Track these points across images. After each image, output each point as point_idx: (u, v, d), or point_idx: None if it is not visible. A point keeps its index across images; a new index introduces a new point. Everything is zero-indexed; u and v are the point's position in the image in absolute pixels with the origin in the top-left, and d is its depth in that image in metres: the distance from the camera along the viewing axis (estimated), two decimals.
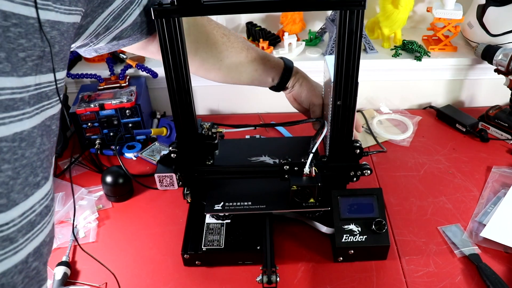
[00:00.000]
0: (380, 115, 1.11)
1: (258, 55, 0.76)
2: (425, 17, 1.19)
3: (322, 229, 0.76)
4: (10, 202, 0.32)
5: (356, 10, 0.57)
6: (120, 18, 0.55)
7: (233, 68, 0.76)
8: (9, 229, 0.32)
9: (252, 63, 0.76)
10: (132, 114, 0.98)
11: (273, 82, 0.80)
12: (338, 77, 0.64)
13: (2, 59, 0.32)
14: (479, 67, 1.09)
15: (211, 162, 0.74)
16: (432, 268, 0.71)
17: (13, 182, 0.32)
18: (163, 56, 0.62)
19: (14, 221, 0.33)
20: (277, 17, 1.16)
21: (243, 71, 0.77)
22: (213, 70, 0.75)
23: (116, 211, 0.86)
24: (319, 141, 0.73)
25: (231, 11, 0.60)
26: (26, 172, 0.34)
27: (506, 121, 1.00)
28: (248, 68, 0.76)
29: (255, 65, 0.76)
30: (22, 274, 0.34)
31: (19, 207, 0.33)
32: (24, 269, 0.34)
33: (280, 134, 1.07)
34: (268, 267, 0.66)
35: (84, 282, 0.72)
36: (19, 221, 0.33)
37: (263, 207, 0.73)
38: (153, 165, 0.97)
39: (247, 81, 0.79)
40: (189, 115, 0.68)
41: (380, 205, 0.73)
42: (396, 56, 1.09)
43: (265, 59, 0.77)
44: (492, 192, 0.86)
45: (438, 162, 0.95)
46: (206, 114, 1.19)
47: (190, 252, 0.71)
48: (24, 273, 0.35)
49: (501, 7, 1.01)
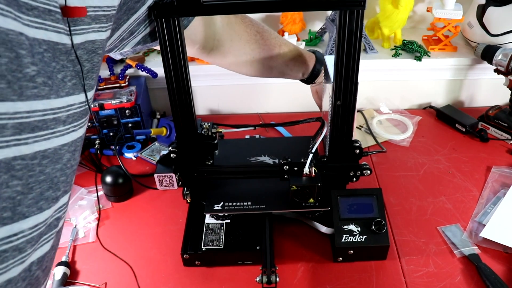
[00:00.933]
0: (380, 115, 1.11)
1: (290, 51, 0.78)
2: (425, 17, 1.19)
3: (321, 229, 0.76)
4: (16, 215, 0.33)
5: (356, 10, 0.57)
6: (144, 23, 0.56)
7: (265, 64, 0.77)
8: (18, 240, 0.33)
9: (283, 59, 0.77)
10: (132, 114, 0.98)
11: (303, 76, 0.81)
12: (338, 77, 0.64)
13: (39, 84, 0.33)
14: (479, 67, 1.09)
15: (210, 162, 0.74)
16: (431, 268, 0.71)
17: (22, 197, 0.33)
18: (162, 56, 0.62)
19: (23, 233, 0.34)
20: (277, 17, 1.16)
21: (274, 66, 0.78)
22: (245, 66, 0.77)
23: (116, 211, 0.86)
24: (318, 141, 0.73)
25: (231, 11, 0.59)
26: (42, 187, 0.35)
27: (506, 121, 1.00)
28: (279, 63, 0.78)
29: (286, 60, 0.78)
30: (25, 282, 0.35)
31: (29, 219, 0.34)
32: (27, 277, 0.35)
33: (280, 134, 1.07)
34: (268, 267, 0.66)
35: (83, 282, 0.72)
36: (29, 232, 0.34)
37: (263, 207, 0.73)
38: (153, 165, 0.97)
39: (277, 76, 0.81)
40: (189, 115, 0.68)
41: (379, 205, 0.73)
42: (396, 56, 1.09)
43: (297, 54, 0.78)
44: (491, 192, 0.86)
45: (438, 162, 0.95)
46: (206, 114, 1.19)
47: (189, 252, 0.71)
48: (27, 281, 0.36)
49: (501, 7, 1.01)
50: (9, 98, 0.31)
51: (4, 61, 0.30)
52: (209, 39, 0.70)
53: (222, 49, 0.73)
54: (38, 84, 0.33)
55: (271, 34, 0.76)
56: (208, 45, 0.71)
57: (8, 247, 0.32)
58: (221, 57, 0.75)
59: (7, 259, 0.32)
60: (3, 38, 0.29)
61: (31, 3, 0.32)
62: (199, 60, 1.07)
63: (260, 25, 0.75)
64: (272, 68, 0.78)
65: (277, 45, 0.76)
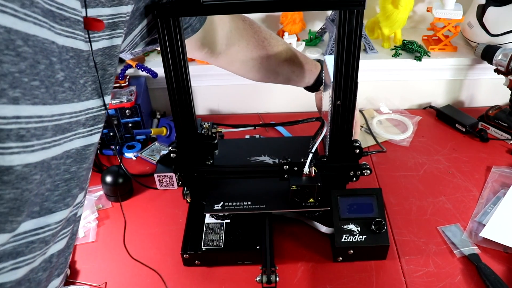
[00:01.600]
0: (380, 115, 1.11)
1: (297, 58, 0.79)
2: (425, 17, 1.19)
3: (321, 229, 0.76)
4: (43, 210, 0.36)
5: (356, 10, 0.57)
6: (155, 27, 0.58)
7: (272, 69, 0.79)
8: (44, 232, 0.36)
9: (290, 65, 0.79)
10: (132, 114, 0.98)
11: (308, 83, 0.83)
12: (338, 77, 0.64)
13: (66, 89, 0.36)
14: (479, 67, 1.09)
15: (210, 162, 0.74)
16: (431, 268, 0.71)
17: (49, 193, 0.36)
18: (162, 56, 0.62)
19: (50, 227, 0.37)
20: (277, 17, 1.16)
21: (281, 72, 0.80)
22: (252, 71, 0.79)
23: (116, 211, 0.86)
24: (318, 141, 0.73)
25: (231, 11, 0.59)
26: (69, 185, 0.38)
27: (506, 121, 1.00)
28: (285, 70, 0.79)
29: (292, 67, 0.79)
30: (46, 272, 0.38)
31: (56, 215, 0.37)
32: (48, 267, 0.38)
33: (279, 134, 1.07)
34: (268, 267, 0.66)
35: (83, 282, 0.72)
36: (55, 227, 0.37)
37: (263, 207, 0.73)
38: (153, 165, 0.97)
39: (283, 82, 0.82)
40: (189, 115, 0.68)
41: (379, 205, 0.73)
42: (396, 56, 1.09)
43: (303, 61, 0.80)
44: (491, 192, 0.86)
45: (438, 162, 0.95)
46: (206, 114, 1.19)
47: (189, 252, 0.71)
48: (48, 271, 0.38)
49: (501, 7, 1.01)
50: (47, 102, 0.34)
51: (42, 67, 0.33)
52: (218, 43, 0.71)
53: (230, 54, 0.74)
54: (65, 88, 0.36)
55: (278, 41, 0.78)
56: (216, 49, 0.72)
57: (35, 238, 0.35)
58: (228, 61, 0.76)
59: (34, 249, 0.35)
60: (40, 46, 0.32)
61: (64, 14, 0.35)
62: (199, 60, 1.07)
63: (267, 32, 0.77)
64: (278, 74, 0.80)
65: (284, 52, 0.78)
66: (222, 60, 0.75)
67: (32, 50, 0.31)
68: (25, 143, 0.32)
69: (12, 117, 0.30)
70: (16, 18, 0.30)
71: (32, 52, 0.31)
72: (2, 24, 0.29)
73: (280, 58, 0.77)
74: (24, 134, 0.31)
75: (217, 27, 0.69)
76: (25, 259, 0.34)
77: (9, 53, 0.29)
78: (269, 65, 0.77)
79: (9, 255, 0.33)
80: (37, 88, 0.32)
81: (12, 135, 0.30)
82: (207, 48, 0.70)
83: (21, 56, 0.30)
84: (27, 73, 0.31)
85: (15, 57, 0.30)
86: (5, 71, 0.29)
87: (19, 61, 0.30)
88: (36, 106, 0.32)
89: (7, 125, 0.30)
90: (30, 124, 0.32)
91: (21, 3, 0.30)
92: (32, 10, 0.31)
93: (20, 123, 0.31)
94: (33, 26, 0.31)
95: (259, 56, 0.76)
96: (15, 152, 0.31)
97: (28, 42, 0.31)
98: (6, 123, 0.30)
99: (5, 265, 0.33)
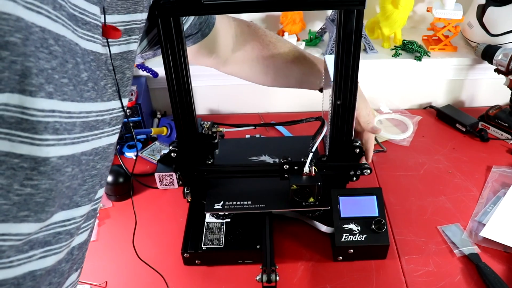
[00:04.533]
0: (380, 115, 1.12)
1: (306, 58, 0.79)
2: (425, 17, 1.19)
3: (321, 228, 0.76)
4: (72, 203, 0.38)
5: (356, 10, 0.58)
6: None
7: (280, 73, 0.79)
8: (70, 225, 0.38)
9: (298, 66, 0.78)
10: (132, 113, 0.98)
11: (320, 85, 0.81)
12: (338, 77, 0.64)
13: (90, 88, 0.38)
14: (479, 67, 1.09)
15: (211, 162, 0.74)
16: (431, 267, 0.72)
17: (78, 188, 0.38)
18: (163, 56, 0.62)
19: (75, 219, 0.38)
20: (277, 17, 1.16)
21: (290, 75, 0.79)
22: (261, 74, 0.79)
23: (116, 210, 0.86)
24: (318, 141, 0.73)
25: (231, 10, 0.60)
26: (94, 181, 0.40)
27: (506, 121, 1.00)
28: (294, 72, 0.79)
29: (301, 68, 0.79)
30: (68, 263, 0.40)
31: (81, 208, 0.39)
32: (70, 259, 0.40)
33: (280, 133, 1.07)
34: (268, 266, 0.66)
35: (84, 281, 0.72)
36: (79, 220, 0.39)
37: (263, 206, 0.73)
38: (154, 164, 0.97)
39: (295, 85, 0.82)
40: (189, 114, 0.68)
41: (380, 205, 0.73)
42: (396, 56, 1.09)
43: (313, 61, 0.79)
44: (492, 192, 0.86)
45: (438, 161, 0.96)
46: (206, 113, 1.20)
47: (190, 251, 0.72)
48: (70, 263, 0.40)
49: (501, 7, 1.01)
50: (75, 99, 0.35)
51: (70, 66, 0.34)
52: (225, 48, 0.72)
53: (237, 59, 0.75)
54: (89, 88, 0.38)
55: (285, 43, 0.78)
56: (224, 55, 0.73)
57: (62, 230, 0.37)
58: (236, 66, 0.77)
59: (61, 240, 0.37)
60: (68, 47, 0.34)
61: (85, 18, 0.37)
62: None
63: (273, 35, 0.77)
64: (287, 76, 0.79)
65: (291, 53, 0.77)
66: (230, 66, 0.76)
67: (61, 50, 0.33)
68: (59, 136, 0.34)
69: (49, 111, 0.32)
70: (49, 19, 0.32)
71: (61, 52, 0.33)
72: (38, 24, 0.31)
73: (287, 59, 0.77)
74: (58, 127, 0.33)
75: (223, 31, 0.70)
76: (52, 248, 0.36)
77: (43, 51, 0.31)
78: (277, 67, 0.77)
79: (40, 243, 0.35)
80: (66, 85, 0.34)
81: (49, 128, 0.32)
82: (214, 54, 0.71)
83: (53, 54, 0.32)
84: (57, 71, 0.33)
85: (48, 55, 0.32)
86: (42, 67, 0.31)
87: (51, 59, 0.32)
88: (65, 102, 0.34)
89: (45, 117, 0.32)
90: (62, 118, 0.34)
91: (53, 6, 0.32)
92: (61, 13, 0.33)
93: (55, 116, 0.33)
94: (62, 28, 0.33)
95: (265, 58, 0.76)
96: (50, 144, 0.33)
97: (58, 42, 0.33)
98: (44, 115, 0.32)
99: (35, 252, 0.34)
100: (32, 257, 0.34)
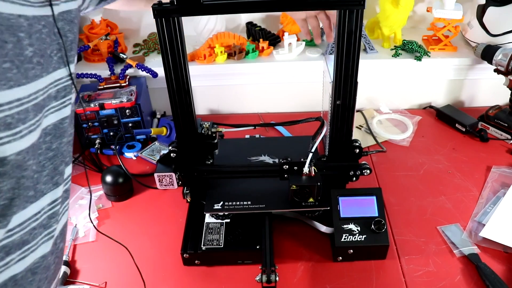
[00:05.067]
0: (380, 115, 1.12)
1: None
2: (425, 17, 1.19)
3: (321, 228, 0.76)
4: (37, 193, 0.35)
5: (356, 10, 0.58)
6: None
7: None
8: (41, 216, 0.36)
9: None
10: (132, 113, 0.98)
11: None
12: (338, 77, 0.64)
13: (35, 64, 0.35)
14: (479, 67, 1.09)
15: (210, 162, 0.74)
16: (431, 267, 0.72)
17: (39, 176, 0.35)
18: (162, 56, 0.62)
19: (44, 209, 0.36)
20: (277, 17, 1.16)
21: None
22: None
23: (116, 211, 0.86)
24: (318, 141, 0.73)
25: (231, 10, 0.60)
26: (54, 162, 0.37)
27: (506, 121, 1.00)
28: None
29: None
30: (53, 255, 0.38)
31: (48, 195, 0.37)
32: (54, 250, 0.38)
33: (279, 133, 1.07)
34: (268, 266, 0.66)
35: (83, 281, 0.72)
36: (49, 208, 0.37)
37: (263, 207, 0.73)
38: (153, 164, 0.97)
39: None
40: (189, 115, 0.68)
41: (379, 205, 0.73)
42: (396, 56, 1.09)
43: None
44: (491, 192, 0.86)
45: (438, 162, 0.96)
46: (206, 114, 1.19)
47: (189, 251, 0.71)
48: (54, 254, 0.39)
49: (501, 7, 1.01)
50: (21, 82, 0.32)
51: (10, 46, 0.31)
52: None
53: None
54: (34, 64, 0.34)
55: None
56: None
57: (36, 224, 0.35)
58: None
59: (36, 235, 0.35)
60: (6, 24, 0.30)
61: None
62: (199, 60, 1.07)
63: None
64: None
65: None
66: None
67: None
68: (13, 130, 0.31)
69: None
70: None
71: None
72: None
73: None
74: (11, 121, 0.30)
75: None
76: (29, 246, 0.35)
77: None
78: None
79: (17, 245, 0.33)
80: (9, 70, 0.31)
81: (0, 125, 0.29)
82: None
83: None
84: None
85: None
86: None
87: None
88: (12, 89, 0.31)
89: None
90: (13, 109, 0.31)
91: None
92: None
93: (4, 110, 0.30)
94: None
95: None
96: (5, 142, 0.30)
97: None
98: None
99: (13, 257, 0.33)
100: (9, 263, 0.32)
